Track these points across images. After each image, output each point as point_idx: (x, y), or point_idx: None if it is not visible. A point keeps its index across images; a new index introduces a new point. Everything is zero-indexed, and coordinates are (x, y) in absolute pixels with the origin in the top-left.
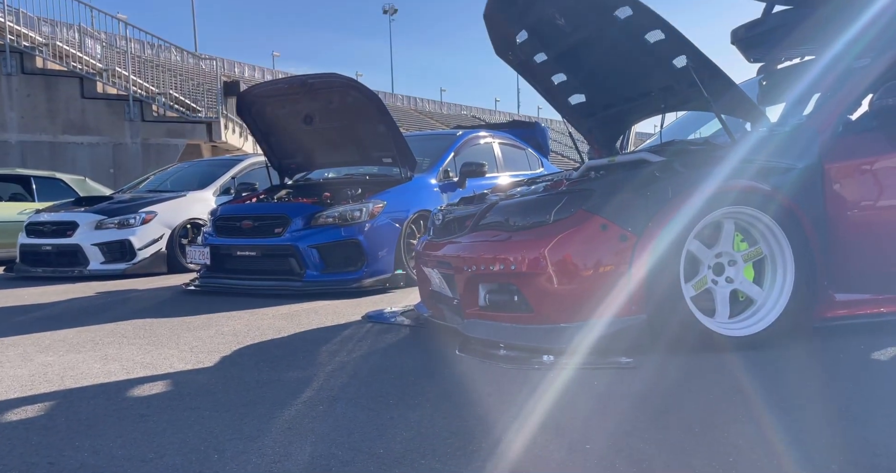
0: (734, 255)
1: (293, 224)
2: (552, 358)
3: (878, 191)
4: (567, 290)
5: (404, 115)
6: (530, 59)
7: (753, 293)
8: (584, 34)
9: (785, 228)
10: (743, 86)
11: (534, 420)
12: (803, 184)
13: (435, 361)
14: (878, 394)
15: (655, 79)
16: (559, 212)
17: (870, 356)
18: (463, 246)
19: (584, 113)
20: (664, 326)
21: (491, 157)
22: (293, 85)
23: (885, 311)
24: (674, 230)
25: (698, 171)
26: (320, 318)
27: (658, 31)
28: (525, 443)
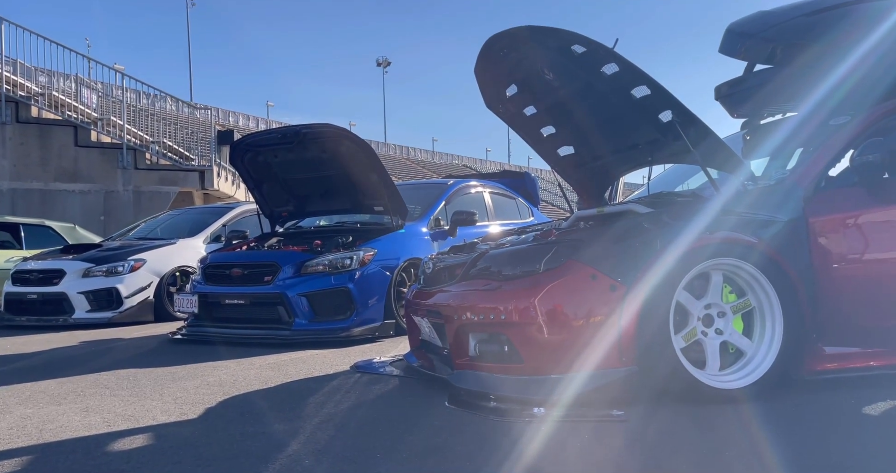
0: (723, 307)
1: (283, 272)
2: (543, 410)
3: (862, 245)
4: (557, 340)
5: (397, 164)
6: (520, 112)
7: (743, 345)
8: (573, 89)
9: (772, 280)
10: (727, 141)
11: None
12: (788, 237)
13: (424, 413)
14: (871, 449)
15: (642, 133)
16: (549, 261)
17: (861, 410)
18: (453, 295)
19: (573, 164)
20: (654, 378)
21: (482, 206)
22: (287, 134)
23: (874, 365)
24: (663, 281)
25: (686, 223)
26: (308, 368)
27: (644, 86)
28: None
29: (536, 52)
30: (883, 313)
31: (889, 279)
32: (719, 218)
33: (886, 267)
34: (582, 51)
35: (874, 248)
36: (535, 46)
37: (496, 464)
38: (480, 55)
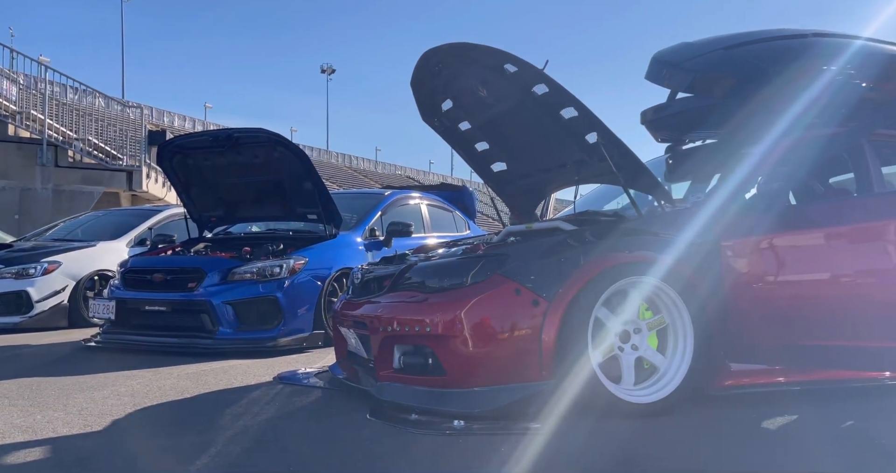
0: (639, 323)
1: (208, 278)
2: (462, 423)
3: (768, 268)
4: (480, 354)
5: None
6: (455, 127)
7: (657, 361)
8: (505, 106)
9: (684, 299)
10: (651, 164)
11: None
12: (702, 258)
13: (344, 426)
14: (764, 462)
15: (570, 153)
16: (476, 275)
17: (760, 424)
18: (380, 307)
19: (505, 180)
20: (573, 392)
21: (418, 218)
22: (219, 138)
23: (777, 382)
24: (583, 297)
25: (607, 242)
26: (229, 379)
27: (571, 108)
28: None
29: (471, 68)
30: (786, 332)
31: (792, 300)
32: (638, 238)
33: (790, 289)
34: (514, 70)
35: (779, 271)
36: (469, 63)
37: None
38: (416, 69)
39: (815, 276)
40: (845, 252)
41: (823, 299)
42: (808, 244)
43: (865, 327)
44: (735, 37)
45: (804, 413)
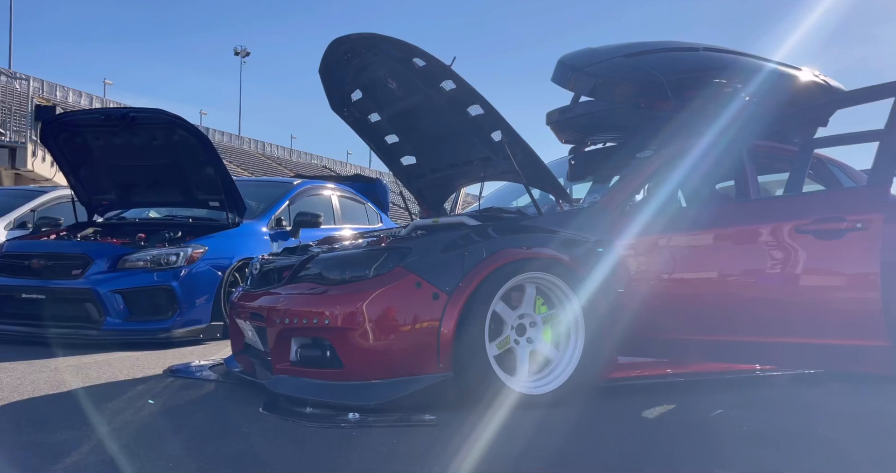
0: (535, 317)
1: (95, 265)
2: (357, 416)
3: (655, 267)
4: (379, 346)
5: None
6: (365, 118)
7: (550, 354)
8: (415, 100)
9: (578, 295)
10: (555, 164)
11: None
12: (596, 255)
13: (235, 420)
14: (641, 449)
15: (476, 150)
16: (378, 268)
17: (640, 414)
18: (278, 298)
19: (414, 174)
20: (469, 383)
21: (329, 209)
22: (111, 116)
23: (661, 373)
24: (482, 291)
25: (508, 238)
26: (114, 371)
27: (478, 106)
28: None
29: (380, 59)
30: (671, 327)
31: (677, 298)
32: (537, 235)
33: (675, 287)
34: (423, 64)
35: (665, 270)
36: (378, 54)
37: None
38: (325, 56)
39: (697, 275)
40: (725, 253)
41: (705, 297)
42: (692, 245)
43: (742, 323)
44: (635, 46)
45: (681, 402)
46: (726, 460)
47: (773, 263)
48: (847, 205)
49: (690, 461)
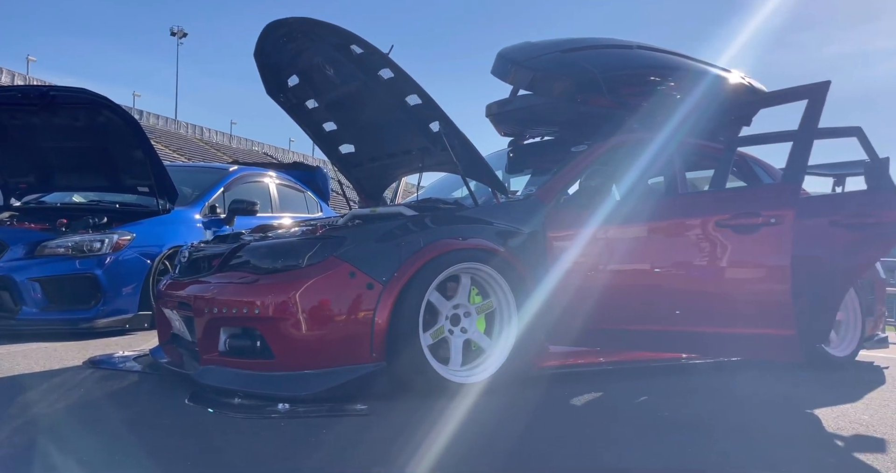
0: (469, 307)
1: (10, 252)
2: (287, 406)
3: (587, 259)
4: (312, 337)
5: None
6: (302, 104)
7: (483, 343)
8: (353, 88)
9: (512, 285)
10: (494, 156)
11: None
12: (530, 247)
13: (158, 413)
14: (567, 437)
15: (415, 140)
16: (312, 257)
17: (569, 401)
18: (207, 287)
19: (353, 163)
20: (402, 373)
21: (266, 197)
22: (29, 95)
23: (591, 362)
24: (416, 281)
25: (444, 228)
26: (29, 363)
27: (416, 95)
28: None
29: (317, 45)
30: (600, 318)
31: (606, 289)
32: (473, 226)
33: (604, 279)
34: (360, 52)
35: (596, 261)
36: (315, 39)
37: (225, 464)
38: (260, 40)
39: (626, 267)
40: (652, 246)
41: (632, 288)
42: (622, 238)
43: (667, 314)
44: (572, 41)
45: (609, 390)
46: (645, 445)
47: (696, 256)
48: (762, 202)
49: (611, 446)
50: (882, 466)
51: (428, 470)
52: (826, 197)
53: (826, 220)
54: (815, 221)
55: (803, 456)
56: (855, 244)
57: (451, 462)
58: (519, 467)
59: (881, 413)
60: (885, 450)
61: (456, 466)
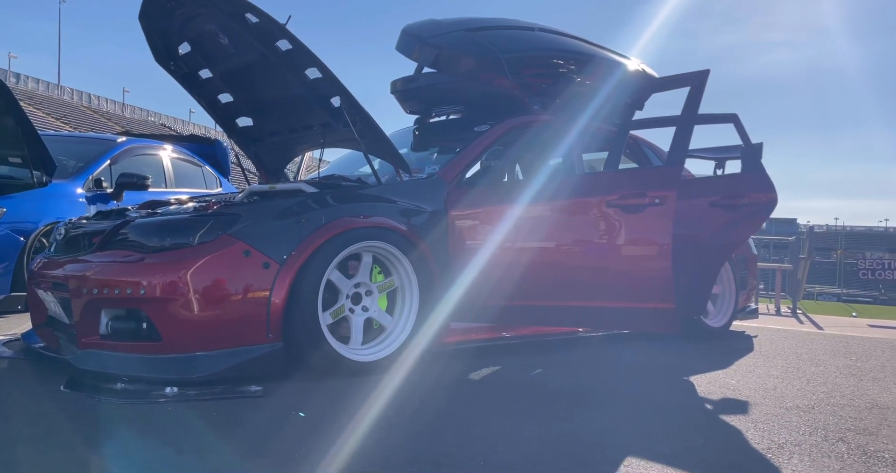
0: (371, 286)
1: None
2: (176, 389)
3: (486, 237)
4: (203, 318)
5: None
6: (194, 73)
7: (385, 321)
8: (249, 58)
9: (414, 263)
10: (399, 134)
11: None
12: (432, 225)
13: (28, 400)
14: (460, 411)
15: (316, 115)
16: (204, 235)
17: (468, 376)
18: (86, 266)
19: (252, 137)
20: (300, 353)
21: (159, 171)
22: None
23: (491, 337)
24: (315, 260)
25: (345, 206)
26: None
27: (315, 69)
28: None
29: (208, 12)
30: (500, 294)
31: (505, 266)
32: (375, 204)
33: (503, 256)
34: (256, 21)
35: (496, 239)
36: (206, 6)
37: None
38: (144, 2)
39: (523, 245)
40: (548, 225)
41: (529, 265)
42: (520, 217)
43: (560, 289)
44: (475, 20)
45: (506, 364)
46: (536, 416)
47: (587, 235)
48: (648, 183)
49: (504, 419)
50: (743, 426)
51: (322, 449)
52: (706, 179)
53: (706, 201)
54: (696, 202)
55: (676, 420)
56: (730, 223)
57: (345, 441)
58: (412, 442)
59: (747, 378)
60: (747, 412)
61: (351, 444)
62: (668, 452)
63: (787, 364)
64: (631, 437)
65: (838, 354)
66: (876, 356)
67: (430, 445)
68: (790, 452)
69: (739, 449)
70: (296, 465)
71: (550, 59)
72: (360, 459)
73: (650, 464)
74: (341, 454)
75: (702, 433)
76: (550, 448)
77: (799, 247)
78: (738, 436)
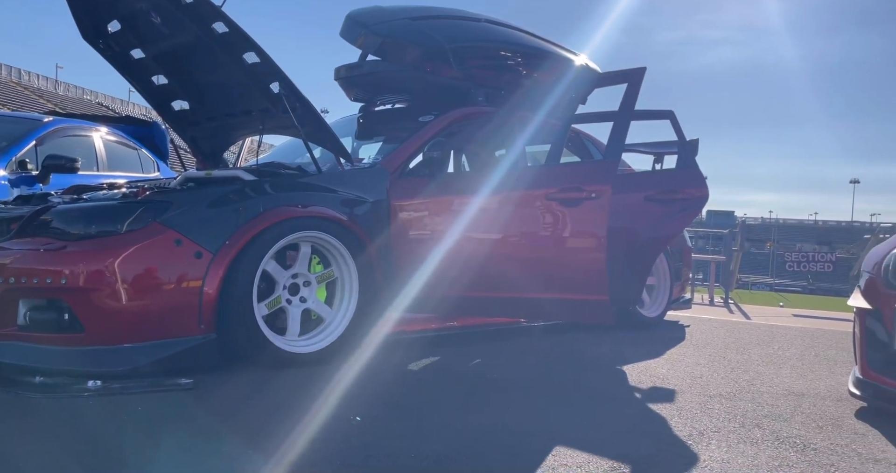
0: (309, 276)
1: None
2: (99, 383)
3: (428, 228)
4: (130, 308)
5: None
6: (126, 53)
7: (324, 312)
8: (184, 40)
9: (353, 254)
10: (343, 122)
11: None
12: (373, 216)
13: None
14: (394, 401)
15: (255, 100)
16: (132, 222)
17: (406, 367)
18: (2, 254)
19: (189, 121)
20: (234, 345)
21: (91, 153)
22: None
23: (431, 328)
24: (250, 250)
25: (284, 195)
26: None
27: (253, 53)
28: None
29: None
30: (441, 285)
31: (448, 257)
32: (314, 193)
33: (444, 247)
34: (190, 1)
35: (437, 231)
36: None
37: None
38: None
39: (464, 237)
40: (489, 217)
41: (470, 257)
42: (462, 208)
43: (500, 281)
44: (421, 9)
45: (445, 354)
46: (472, 405)
47: (526, 227)
48: (585, 177)
49: (439, 408)
50: (668, 414)
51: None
52: (641, 174)
53: (641, 196)
54: (632, 196)
55: (606, 410)
56: (664, 217)
57: (275, 432)
58: (343, 435)
59: (677, 367)
60: (673, 400)
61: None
62: (594, 440)
63: (714, 353)
64: (560, 427)
65: (763, 343)
66: (797, 345)
67: (361, 437)
68: (709, 439)
69: (663, 437)
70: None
71: (497, 51)
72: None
73: (576, 453)
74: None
75: (629, 421)
76: (481, 438)
77: (732, 240)
78: (663, 424)
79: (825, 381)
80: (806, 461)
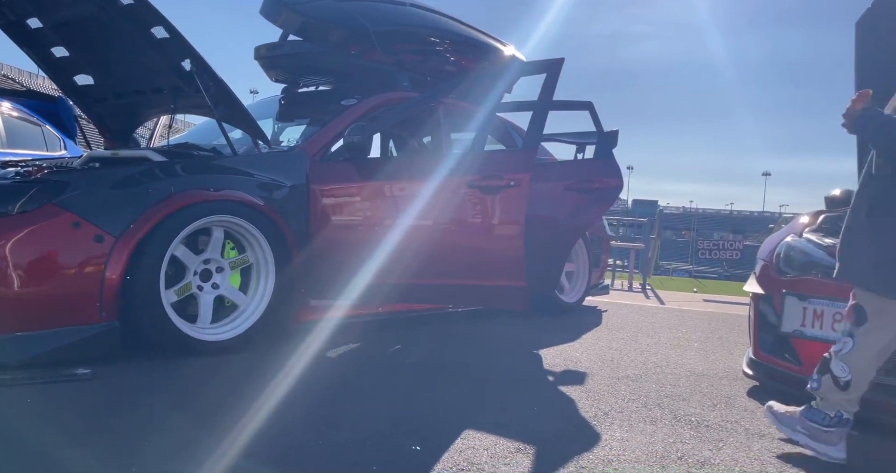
0: (222, 262)
1: None
2: None
3: (348, 213)
4: (23, 295)
5: None
6: (22, 22)
7: (238, 299)
8: (85, 9)
9: (269, 239)
10: (264, 103)
11: None
12: (290, 201)
13: None
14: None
15: (165, 77)
16: (25, 203)
17: (325, 354)
18: None
19: (93, 97)
20: (139, 333)
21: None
22: None
23: (351, 314)
24: (157, 234)
25: (194, 177)
26: None
27: (161, 28)
28: None
29: None
30: (361, 272)
31: (365, 243)
32: (228, 176)
33: (364, 233)
34: None
35: (356, 216)
36: None
37: None
38: None
39: (384, 223)
40: (411, 203)
41: (390, 243)
42: (383, 194)
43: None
44: None
45: (367, 341)
46: (385, 390)
47: (447, 214)
48: (505, 165)
49: (352, 394)
50: (577, 396)
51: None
52: (560, 164)
53: (560, 185)
54: (550, 185)
55: (519, 392)
56: (582, 206)
57: (177, 424)
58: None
59: (590, 351)
60: (583, 382)
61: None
62: (504, 422)
63: (627, 336)
64: (472, 411)
65: (673, 327)
66: (703, 328)
67: (269, 425)
68: (612, 418)
69: (569, 418)
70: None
71: (424, 37)
72: (191, 445)
73: (484, 436)
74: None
75: (539, 403)
76: (393, 423)
77: (651, 228)
78: (571, 405)
79: (724, 362)
80: (698, 437)
